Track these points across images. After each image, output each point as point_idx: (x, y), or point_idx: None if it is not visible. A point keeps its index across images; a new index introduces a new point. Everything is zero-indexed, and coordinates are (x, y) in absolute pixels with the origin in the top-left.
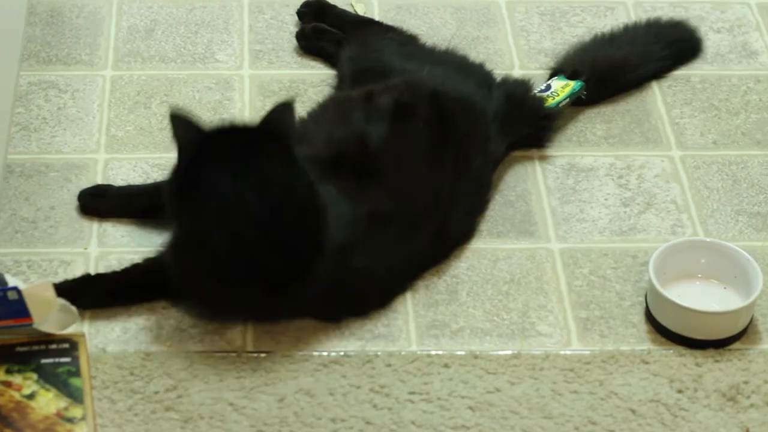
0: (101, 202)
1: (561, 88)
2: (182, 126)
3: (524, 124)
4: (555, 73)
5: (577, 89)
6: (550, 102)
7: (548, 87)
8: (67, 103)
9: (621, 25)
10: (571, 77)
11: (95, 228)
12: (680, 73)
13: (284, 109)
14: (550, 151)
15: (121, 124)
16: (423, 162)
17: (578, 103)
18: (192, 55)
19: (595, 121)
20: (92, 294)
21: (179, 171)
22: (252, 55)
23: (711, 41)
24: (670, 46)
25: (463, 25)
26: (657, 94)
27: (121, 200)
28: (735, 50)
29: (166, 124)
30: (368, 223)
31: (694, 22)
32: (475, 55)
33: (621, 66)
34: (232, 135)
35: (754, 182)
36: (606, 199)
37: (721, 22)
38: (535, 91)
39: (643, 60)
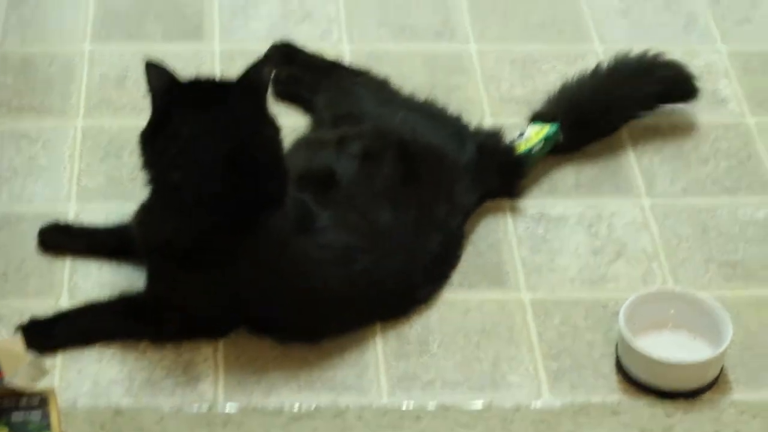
0: (63, 239)
1: (535, 134)
2: (156, 74)
3: (495, 174)
4: (534, 118)
5: (551, 133)
6: (522, 148)
7: (522, 134)
8: (38, 153)
9: (606, 64)
10: (548, 121)
11: (66, 279)
12: (650, 121)
13: (261, 64)
14: (521, 201)
15: (93, 174)
16: (384, 202)
17: (559, 149)
18: None
19: (566, 169)
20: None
21: (151, 116)
22: None
23: None
24: (660, 84)
25: (435, 74)
26: (627, 143)
27: (83, 237)
28: (705, 97)
29: (137, 174)
30: (328, 225)
31: None
32: (447, 103)
33: (601, 108)
34: (204, 85)
35: (723, 230)
36: (576, 249)
37: (691, 69)
38: (510, 140)
39: (627, 101)
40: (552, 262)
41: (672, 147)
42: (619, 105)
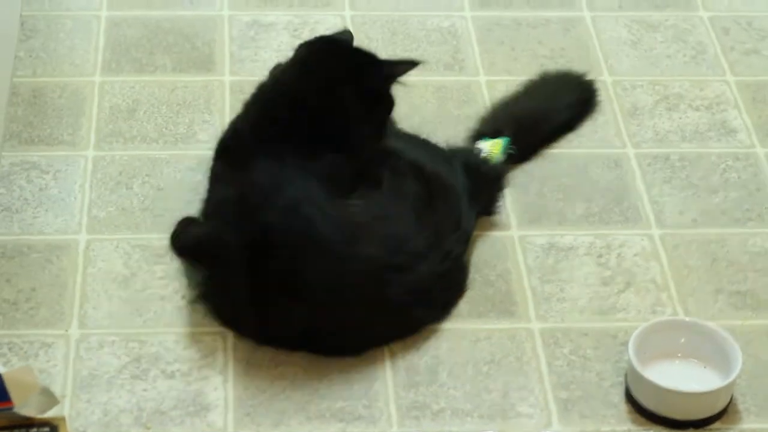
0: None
1: (491, 147)
2: None
3: (484, 192)
4: (477, 136)
5: (506, 146)
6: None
7: (481, 150)
8: (48, 184)
9: (529, 80)
10: (494, 136)
11: (76, 309)
12: (659, 151)
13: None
14: (530, 230)
15: (103, 205)
16: (410, 217)
17: (512, 160)
18: (174, 135)
19: (575, 199)
20: None
21: None
22: None
23: (690, 119)
24: (573, 95)
25: (444, 104)
26: (636, 172)
27: None
28: (714, 128)
29: (148, 204)
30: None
31: (673, 100)
32: (456, 133)
33: (538, 117)
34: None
35: (733, 261)
36: (586, 279)
37: (699, 100)
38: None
39: (554, 111)
40: (562, 292)
41: (681, 177)
42: (544, 116)
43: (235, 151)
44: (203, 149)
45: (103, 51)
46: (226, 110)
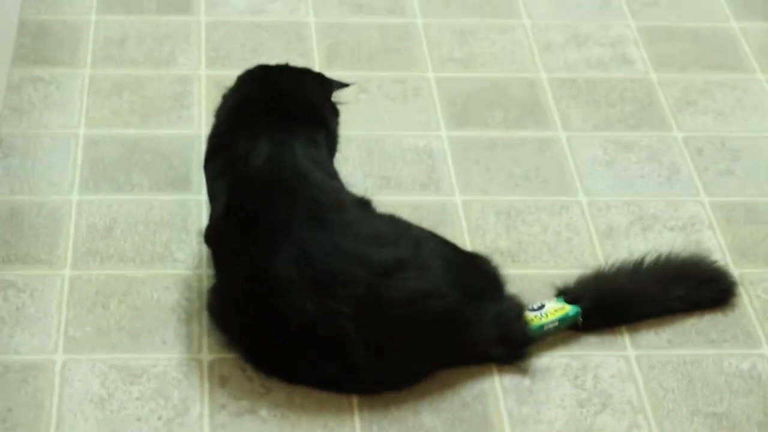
0: None
1: (553, 311)
2: None
3: (502, 342)
4: (559, 294)
5: (571, 315)
6: (536, 322)
7: (542, 306)
8: (25, 303)
9: (643, 257)
10: (570, 301)
11: (53, 431)
12: None
13: None
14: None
15: (80, 325)
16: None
17: (575, 327)
18: (151, 255)
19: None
20: None
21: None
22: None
23: (665, 239)
24: (692, 288)
25: (420, 224)
26: None
27: None
28: (689, 249)
29: (124, 324)
30: None
31: (647, 221)
32: None
33: (627, 300)
34: None
35: (708, 381)
36: (562, 400)
37: (674, 220)
38: (528, 308)
39: (655, 298)
40: (538, 414)
41: None
42: (646, 302)
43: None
44: (180, 268)
45: (81, 169)
46: (202, 230)
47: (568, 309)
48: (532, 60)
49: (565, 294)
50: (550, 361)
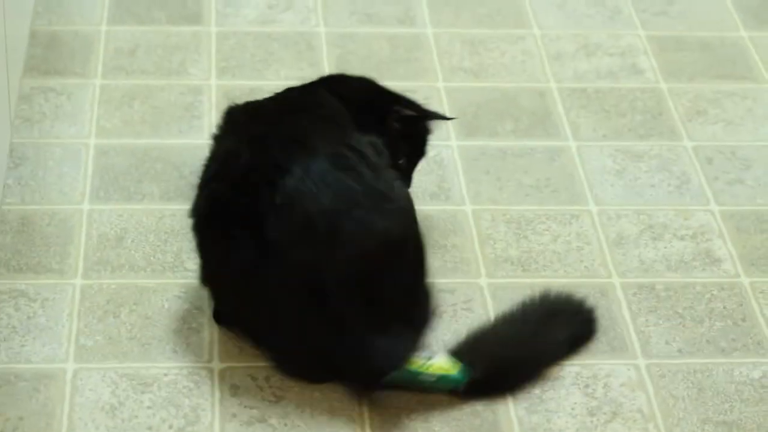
0: None
1: (438, 366)
2: None
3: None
4: (454, 353)
5: (453, 378)
6: (414, 366)
7: (431, 357)
8: (36, 312)
9: (518, 307)
10: (462, 362)
11: None
12: (645, 280)
13: None
14: None
15: (91, 334)
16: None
17: (454, 392)
18: (161, 264)
19: None
20: None
21: None
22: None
23: (674, 248)
24: (567, 329)
25: (430, 234)
26: (622, 302)
27: None
28: (698, 258)
29: (135, 333)
30: None
31: (657, 230)
32: (442, 263)
33: (515, 366)
34: None
35: (719, 390)
36: (573, 409)
37: (684, 230)
38: (418, 354)
39: (541, 352)
40: (548, 423)
41: (667, 307)
42: (533, 363)
43: None
44: (191, 278)
45: (92, 179)
46: None
47: (454, 372)
48: (542, 70)
49: (459, 355)
50: (560, 369)
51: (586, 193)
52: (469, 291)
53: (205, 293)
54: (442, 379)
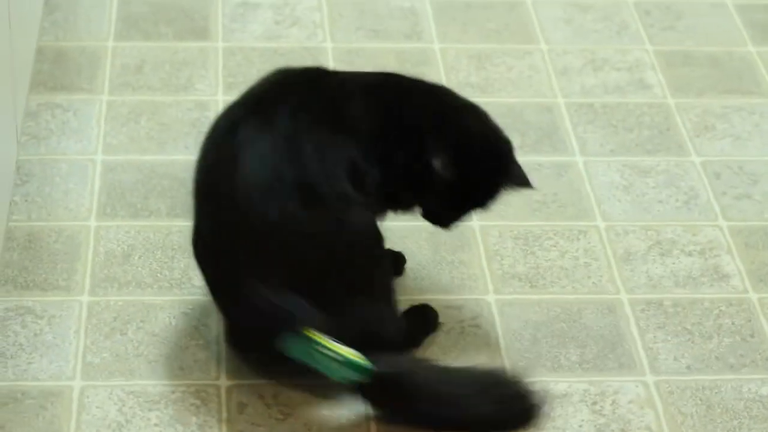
0: None
1: (346, 350)
2: None
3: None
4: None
5: (357, 367)
6: (314, 337)
7: (341, 342)
8: (43, 329)
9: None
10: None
11: None
12: (653, 296)
13: None
14: (525, 378)
15: (98, 351)
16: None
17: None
18: (169, 281)
19: (569, 346)
20: None
21: None
22: None
23: (683, 264)
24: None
25: (438, 250)
26: (630, 319)
27: None
28: (707, 273)
29: (142, 350)
30: None
31: (665, 246)
32: (450, 279)
33: (427, 397)
34: None
35: (728, 407)
36: (580, 426)
37: (692, 245)
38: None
39: (457, 406)
40: None
41: (675, 323)
42: (449, 406)
43: None
44: (198, 294)
45: (99, 195)
46: None
47: (363, 362)
48: (549, 85)
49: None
50: (568, 386)
51: (594, 209)
52: (477, 307)
53: (211, 310)
54: (348, 363)
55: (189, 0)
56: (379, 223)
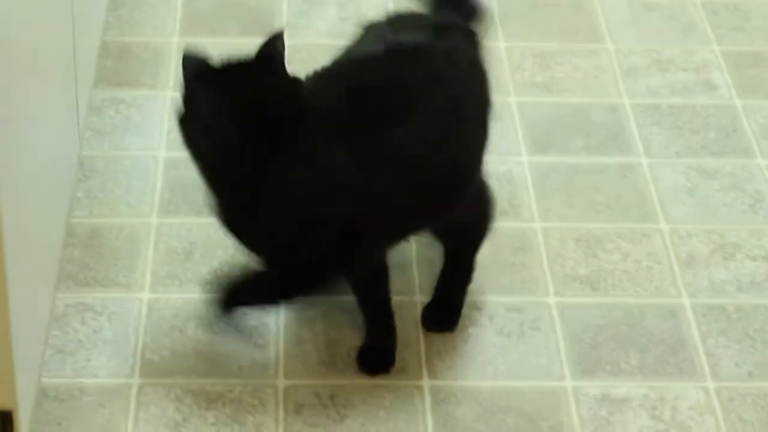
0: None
1: None
2: (190, 62)
3: None
4: None
5: None
6: None
7: None
8: (103, 326)
9: None
10: None
11: None
12: (715, 301)
13: (275, 39)
14: (584, 381)
15: (156, 349)
16: None
17: None
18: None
19: (630, 350)
20: None
21: (182, 100)
22: None
23: (746, 269)
24: None
25: (499, 251)
26: (692, 324)
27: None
28: None
29: (201, 348)
30: None
31: (729, 250)
32: (511, 281)
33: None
34: (229, 65)
35: None
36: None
37: (757, 249)
38: None
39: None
40: None
41: (737, 329)
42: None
43: None
44: None
45: (161, 192)
46: None
47: None
48: (615, 85)
49: None
50: (628, 391)
51: (657, 211)
52: (537, 310)
53: (270, 310)
54: None
55: None
56: None
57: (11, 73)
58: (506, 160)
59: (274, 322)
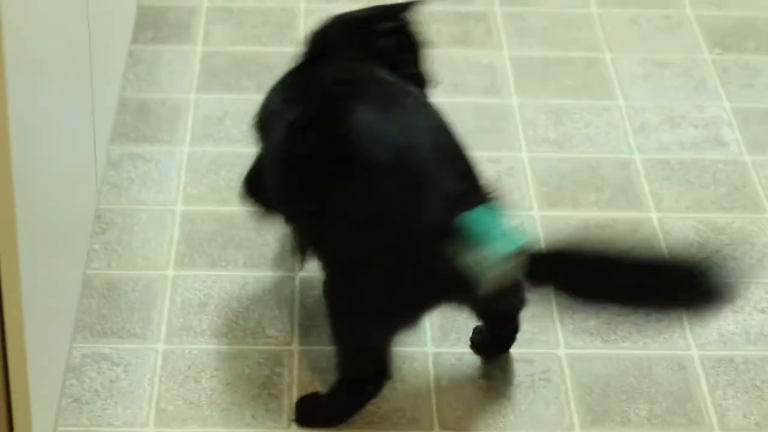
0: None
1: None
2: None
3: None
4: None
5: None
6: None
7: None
8: (119, 376)
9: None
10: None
11: None
12: (723, 353)
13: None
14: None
15: (171, 398)
16: None
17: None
18: (243, 330)
19: (639, 401)
20: None
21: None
22: (302, 331)
23: (754, 321)
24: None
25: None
26: (700, 375)
27: None
28: None
29: (215, 398)
30: None
31: (738, 302)
32: (521, 332)
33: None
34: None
35: None
36: None
37: (764, 302)
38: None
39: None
40: None
41: (745, 380)
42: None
43: None
44: (272, 344)
45: (177, 245)
46: (295, 306)
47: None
48: (627, 141)
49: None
50: None
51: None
52: (547, 361)
53: (284, 360)
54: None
55: (270, 54)
56: None
57: (31, 128)
58: (518, 215)
59: (287, 372)
